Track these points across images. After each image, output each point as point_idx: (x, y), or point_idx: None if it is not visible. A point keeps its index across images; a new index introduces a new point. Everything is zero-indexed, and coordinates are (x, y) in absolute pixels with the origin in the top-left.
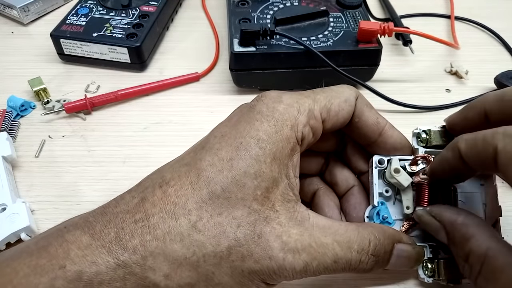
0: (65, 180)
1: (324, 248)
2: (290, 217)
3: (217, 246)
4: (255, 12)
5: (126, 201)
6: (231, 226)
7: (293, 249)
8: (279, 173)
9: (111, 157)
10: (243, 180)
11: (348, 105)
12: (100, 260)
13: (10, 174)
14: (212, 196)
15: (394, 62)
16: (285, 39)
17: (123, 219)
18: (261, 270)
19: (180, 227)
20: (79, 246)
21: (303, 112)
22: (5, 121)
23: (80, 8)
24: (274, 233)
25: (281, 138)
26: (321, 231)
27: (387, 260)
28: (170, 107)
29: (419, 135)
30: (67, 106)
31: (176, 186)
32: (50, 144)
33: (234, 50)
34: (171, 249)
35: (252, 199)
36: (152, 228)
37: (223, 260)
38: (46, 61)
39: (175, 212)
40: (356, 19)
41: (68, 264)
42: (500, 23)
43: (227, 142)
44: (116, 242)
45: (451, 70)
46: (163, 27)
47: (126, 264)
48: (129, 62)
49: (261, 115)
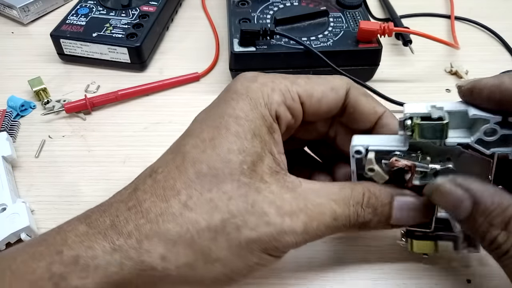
0: (65, 180)
1: (321, 207)
2: (281, 185)
3: (210, 220)
4: (255, 12)
5: (120, 193)
6: (222, 200)
7: (290, 212)
8: (262, 148)
9: (111, 157)
10: (228, 157)
11: (334, 93)
12: (96, 245)
13: (10, 174)
14: (199, 175)
15: (394, 62)
16: (285, 39)
17: (117, 207)
18: (260, 238)
19: (171, 208)
20: (76, 233)
21: (277, 91)
22: (5, 121)
23: (80, 8)
24: (267, 200)
25: (257, 116)
26: (315, 194)
27: (388, 214)
28: (170, 107)
29: (404, 123)
30: (67, 106)
31: (164, 172)
32: (50, 144)
33: (234, 50)
34: (165, 229)
35: (239, 173)
36: (145, 213)
37: (218, 233)
38: (46, 61)
39: (165, 195)
40: (356, 19)
41: (65, 249)
42: (500, 23)
43: (207, 124)
44: (111, 228)
45: (451, 70)
46: (163, 27)
47: (122, 248)
48: (129, 62)
49: (236, 94)
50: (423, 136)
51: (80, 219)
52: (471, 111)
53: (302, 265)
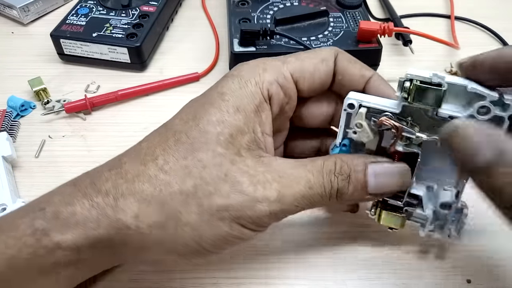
0: (65, 180)
1: (295, 177)
2: (256, 160)
3: (182, 184)
4: (255, 12)
5: (108, 161)
6: (197, 167)
7: (262, 181)
8: (245, 124)
9: (111, 157)
10: (206, 127)
11: (325, 65)
12: (76, 201)
13: (10, 174)
14: (177, 143)
15: (394, 62)
16: (285, 39)
17: (101, 170)
18: (231, 205)
19: (148, 170)
20: (62, 193)
21: (269, 70)
22: (5, 121)
23: (80, 8)
24: (241, 171)
25: (245, 94)
26: (288, 166)
27: (363, 181)
28: (170, 107)
29: (403, 84)
30: (67, 106)
31: (148, 141)
32: (50, 144)
33: (234, 50)
34: (140, 189)
35: (215, 143)
36: (123, 174)
37: (189, 197)
38: (46, 61)
39: (145, 159)
40: (356, 19)
41: (47, 206)
42: (500, 23)
43: (196, 101)
44: (91, 186)
45: (451, 70)
46: (163, 27)
47: (99, 205)
48: (129, 62)
49: (227, 76)
50: (418, 99)
51: (69, 182)
52: (470, 84)
53: (302, 266)
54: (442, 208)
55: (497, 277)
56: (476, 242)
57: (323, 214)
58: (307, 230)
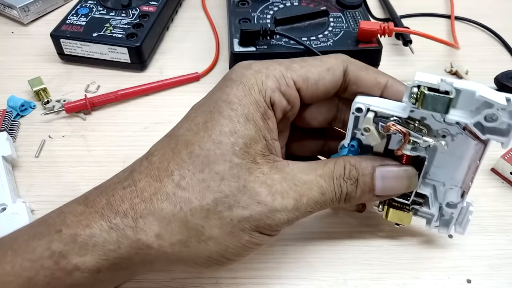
0: (65, 180)
1: (309, 184)
2: (271, 166)
3: (202, 200)
4: (255, 12)
5: (118, 175)
6: (215, 180)
7: (280, 191)
8: (256, 133)
9: (111, 157)
10: (219, 138)
11: (331, 74)
12: (94, 224)
13: (10, 174)
14: (191, 156)
15: (394, 62)
16: (285, 39)
17: (114, 188)
18: (251, 216)
19: (165, 187)
20: (74, 214)
21: (271, 77)
22: (5, 121)
23: (80, 8)
24: (258, 180)
25: (250, 101)
26: (302, 172)
27: (370, 184)
28: (170, 107)
29: (411, 90)
30: (67, 106)
31: (159, 154)
32: (50, 144)
33: (234, 50)
34: (159, 208)
35: (231, 154)
36: (139, 192)
37: (210, 212)
38: (46, 61)
39: (159, 175)
40: (356, 19)
41: (64, 228)
42: (500, 23)
43: (202, 109)
44: (107, 207)
45: (451, 70)
46: (163, 27)
47: (119, 227)
48: (129, 62)
49: (231, 81)
50: (425, 106)
51: (79, 201)
52: (479, 92)
53: (302, 266)
54: (448, 207)
55: (497, 277)
56: (476, 242)
57: (323, 214)
58: (307, 230)
